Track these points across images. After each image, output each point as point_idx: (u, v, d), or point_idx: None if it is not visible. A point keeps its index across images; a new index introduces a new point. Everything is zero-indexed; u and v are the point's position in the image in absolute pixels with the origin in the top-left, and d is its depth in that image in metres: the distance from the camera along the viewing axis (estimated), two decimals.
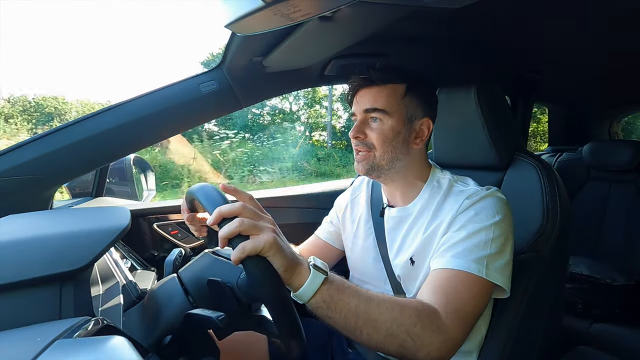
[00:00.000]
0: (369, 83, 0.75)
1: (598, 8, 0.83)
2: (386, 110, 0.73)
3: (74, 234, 0.57)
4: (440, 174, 0.79)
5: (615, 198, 1.64)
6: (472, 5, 0.59)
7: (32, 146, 0.79)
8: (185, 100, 0.88)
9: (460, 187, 0.74)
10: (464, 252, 0.64)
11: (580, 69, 1.38)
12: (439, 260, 0.66)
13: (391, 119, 0.73)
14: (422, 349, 0.56)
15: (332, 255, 0.95)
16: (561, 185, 0.80)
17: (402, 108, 0.74)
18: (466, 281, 0.62)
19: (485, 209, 0.68)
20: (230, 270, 0.62)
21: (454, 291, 0.61)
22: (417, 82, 0.76)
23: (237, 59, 0.86)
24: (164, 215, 1.12)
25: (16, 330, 0.46)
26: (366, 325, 0.54)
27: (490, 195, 0.70)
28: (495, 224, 0.66)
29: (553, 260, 0.78)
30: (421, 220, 0.75)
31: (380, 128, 0.73)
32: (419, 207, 0.76)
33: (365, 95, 0.75)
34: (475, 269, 0.62)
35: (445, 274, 0.63)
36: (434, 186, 0.77)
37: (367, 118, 0.75)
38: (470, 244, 0.64)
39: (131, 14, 27.41)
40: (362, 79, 0.75)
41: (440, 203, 0.73)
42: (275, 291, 0.49)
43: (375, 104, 0.73)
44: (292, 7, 0.49)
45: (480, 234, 0.65)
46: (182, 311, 0.61)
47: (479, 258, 0.63)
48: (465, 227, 0.67)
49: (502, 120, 0.88)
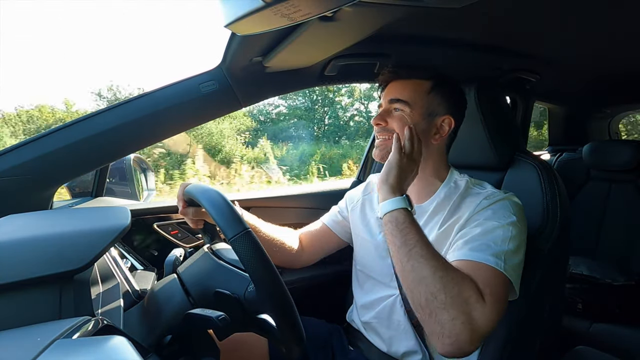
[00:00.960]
0: (397, 77, 0.80)
1: (598, 7, 0.83)
2: (408, 102, 0.76)
3: (74, 233, 0.57)
4: (458, 177, 0.80)
5: (615, 198, 1.64)
6: (472, 6, 0.59)
7: (32, 146, 0.79)
8: (185, 100, 0.88)
9: (477, 189, 0.76)
10: (482, 246, 0.64)
11: (580, 69, 1.38)
12: (457, 252, 0.66)
13: (412, 110, 0.76)
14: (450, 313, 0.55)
15: (331, 243, 0.97)
16: (561, 185, 0.80)
17: (424, 103, 0.77)
18: (492, 272, 0.61)
19: (503, 208, 0.69)
20: (236, 280, 0.63)
21: (485, 280, 0.60)
22: (443, 81, 0.79)
23: (237, 58, 0.86)
24: (164, 215, 1.12)
25: (16, 330, 0.46)
26: (414, 263, 0.60)
27: (508, 198, 0.71)
28: (513, 223, 0.66)
29: (553, 260, 0.78)
30: (436, 219, 0.76)
31: (401, 115, 0.77)
32: (434, 206, 0.77)
33: (393, 87, 0.80)
34: (494, 263, 0.61)
35: (467, 265, 0.62)
36: (450, 187, 0.78)
37: (390, 108, 0.78)
38: (488, 239, 0.64)
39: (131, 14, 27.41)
40: (391, 72, 0.80)
41: (457, 203, 0.74)
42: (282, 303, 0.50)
43: (399, 95, 0.77)
44: (292, 7, 0.49)
45: (498, 231, 0.65)
46: (182, 311, 0.61)
47: (497, 252, 0.63)
48: (483, 224, 0.67)
49: (502, 120, 0.88)
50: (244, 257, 0.50)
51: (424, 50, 1.01)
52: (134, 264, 0.96)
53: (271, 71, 0.94)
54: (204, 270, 0.67)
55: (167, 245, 1.11)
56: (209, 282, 0.64)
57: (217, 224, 0.52)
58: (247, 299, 0.60)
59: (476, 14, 0.82)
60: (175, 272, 0.71)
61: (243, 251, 0.50)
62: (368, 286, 0.87)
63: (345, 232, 0.95)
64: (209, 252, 0.71)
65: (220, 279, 0.64)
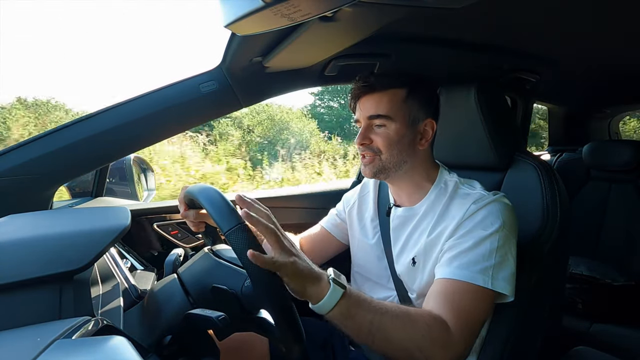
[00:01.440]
0: (370, 90, 0.75)
1: (599, 7, 0.83)
2: (389, 115, 0.73)
3: (74, 233, 0.56)
4: (447, 176, 0.79)
5: (615, 198, 1.64)
6: (473, 6, 0.59)
7: (32, 146, 0.79)
8: (185, 100, 0.88)
9: (466, 189, 0.75)
10: (469, 263, 0.65)
11: (580, 69, 1.38)
12: (444, 269, 0.67)
13: (395, 123, 0.74)
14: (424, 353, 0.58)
15: (331, 246, 0.96)
16: (561, 185, 0.80)
17: (404, 112, 0.74)
18: (473, 293, 0.63)
19: (491, 214, 0.68)
20: (233, 276, 0.62)
21: (461, 304, 0.63)
22: (418, 85, 0.76)
23: (237, 59, 0.86)
24: (165, 215, 1.12)
25: (16, 331, 0.46)
26: (379, 337, 0.57)
27: (497, 200, 0.70)
28: (499, 231, 0.66)
29: (553, 261, 0.78)
30: (426, 222, 0.75)
31: (385, 133, 0.74)
32: (425, 208, 0.77)
33: (367, 101, 0.75)
34: (481, 280, 0.63)
35: (452, 285, 0.64)
36: (440, 188, 0.77)
37: (371, 124, 0.76)
38: (475, 255, 0.65)
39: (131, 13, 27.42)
40: (363, 86, 0.75)
41: (446, 205, 0.74)
42: (280, 299, 0.50)
43: (377, 110, 0.74)
44: (292, 7, 0.49)
45: (484, 244, 0.66)
46: (182, 311, 0.61)
47: (484, 269, 0.64)
48: (471, 235, 0.67)
49: (502, 121, 0.88)
50: (239, 251, 0.49)
51: (424, 50, 1.01)
52: (134, 264, 0.96)
53: (271, 71, 0.94)
54: (203, 269, 0.67)
55: (167, 245, 1.11)
56: (208, 281, 0.64)
57: (213, 219, 0.52)
58: (244, 294, 0.60)
59: (476, 14, 0.82)
60: (176, 272, 0.71)
61: (238, 245, 0.50)
62: (366, 288, 0.87)
63: (344, 234, 0.95)
64: (209, 252, 0.71)
65: (218, 275, 0.64)
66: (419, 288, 0.74)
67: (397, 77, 0.76)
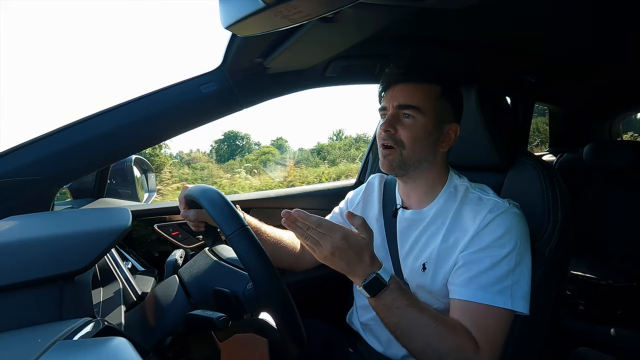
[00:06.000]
0: (406, 79, 0.73)
1: (598, 9, 0.83)
2: (421, 108, 0.72)
3: (74, 235, 0.57)
4: (457, 180, 0.78)
5: (617, 199, 1.64)
6: (473, 6, 0.59)
7: (33, 148, 0.79)
8: (186, 101, 0.88)
9: (478, 193, 0.74)
10: (487, 285, 0.65)
11: (580, 70, 1.38)
12: (463, 289, 0.67)
13: (424, 118, 0.72)
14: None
15: None
16: (562, 186, 0.80)
17: (435, 109, 0.73)
18: (495, 314, 0.65)
19: (508, 232, 0.68)
20: (234, 278, 0.62)
21: (486, 325, 0.64)
22: (451, 86, 0.76)
23: (238, 60, 0.86)
24: (165, 216, 1.12)
25: (17, 332, 0.46)
26: (405, 338, 0.62)
27: (511, 211, 0.70)
28: (516, 249, 0.67)
29: (554, 262, 0.78)
30: (435, 226, 0.75)
31: (413, 125, 0.72)
32: (434, 212, 0.76)
33: (401, 90, 0.74)
34: (501, 302, 0.64)
35: (474, 307, 0.65)
36: (450, 192, 0.76)
37: (399, 114, 0.74)
38: (493, 278, 0.66)
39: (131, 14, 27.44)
40: (401, 73, 0.74)
41: (458, 211, 0.73)
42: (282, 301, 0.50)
43: (410, 100, 0.72)
44: (293, 9, 0.49)
45: (501, 265, 0.66)
46: (183, 312, 0.61)
47: (503, 289, 0.65)
48: (487, 253, 0.67)
49: (503, 121, 0.88)
50: (242, 253, 0.50)
51: (424, 51, 1.01)
52: (134, 265, 0.96)
53: (272, 72, 0.94)
54: (204, 270, 0.67)
55: (168, 246, 1.11)
56: (209, 282, 0.64)
57: (215, 222, 0.52)
58: (246, 297, 0.60)
59: (476, 15, 0.82)
60: (176, 273, 0.71)
61: (240, 248, 0.50)
62: None
63: None
64: (210, 253, 0.71)
65: (220, 278, 0.64)
66: (425, 293, 0.74)
67: (436, 72, 0.74)
